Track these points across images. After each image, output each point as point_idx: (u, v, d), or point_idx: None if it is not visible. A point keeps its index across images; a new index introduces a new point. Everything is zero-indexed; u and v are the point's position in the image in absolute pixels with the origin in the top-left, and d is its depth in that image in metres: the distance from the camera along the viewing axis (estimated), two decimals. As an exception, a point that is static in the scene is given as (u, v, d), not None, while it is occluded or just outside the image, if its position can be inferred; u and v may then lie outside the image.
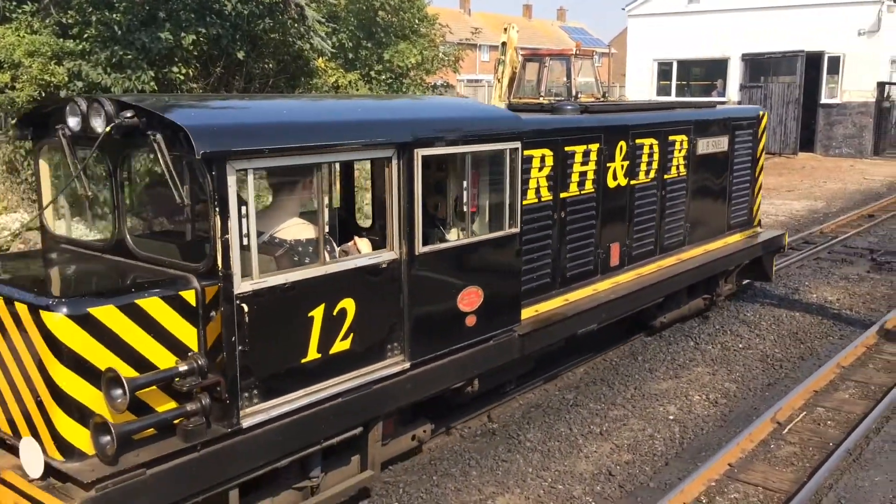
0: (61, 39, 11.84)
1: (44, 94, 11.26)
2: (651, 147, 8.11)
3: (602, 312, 7.32)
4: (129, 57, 11.67)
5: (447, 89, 23.57)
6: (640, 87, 33.22)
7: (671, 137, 8.40)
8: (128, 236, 4.94)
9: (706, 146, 9.02)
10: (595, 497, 5.85)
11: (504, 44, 26.54)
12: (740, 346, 8.96)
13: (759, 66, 30.54)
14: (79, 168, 4.85)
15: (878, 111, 30.04)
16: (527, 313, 6.53)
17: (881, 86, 29.91)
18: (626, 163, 7.76)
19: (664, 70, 33.17)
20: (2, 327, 4.24)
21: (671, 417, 7.16)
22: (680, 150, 8.57)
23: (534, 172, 6.64)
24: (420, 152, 5.26)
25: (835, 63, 29.79)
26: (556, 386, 7.77)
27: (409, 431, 5.89)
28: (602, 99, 25.40)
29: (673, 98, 30.57)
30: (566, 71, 26.52)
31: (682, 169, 8.65)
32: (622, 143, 7.68)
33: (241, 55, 12.49)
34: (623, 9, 33.88)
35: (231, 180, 4.25)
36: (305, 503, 5.10)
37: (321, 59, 15.04)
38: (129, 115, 4.49)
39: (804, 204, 18.87)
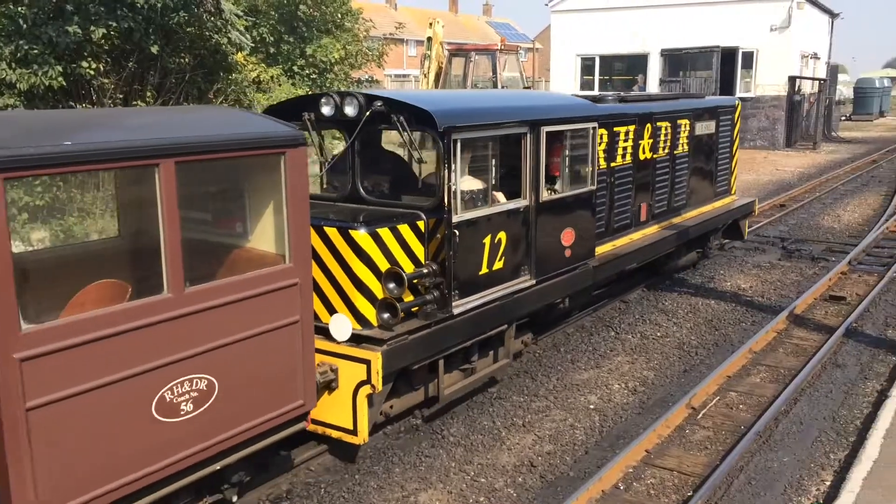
0: (-39, 33, 11.28)
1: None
2: (666, 129, 10.13)
3: (639, 255, 9.46)
4: (36, 52, 11.16)
5: (372, 84, 23.43)
6: (564, 81, 33.69)
7: (679, 122, 10.44)
8: (360, 188, 6.78)
9: (701, 129, 11.15)
10: (517, 488, 5.91)
11: (430, 39, 26.56)
12: (658, 334, 9.19)
13: (677, 61, 31.38)
14: (319, 142, 6.96)
15: (790, 104, 31.25)
16: None
17: (792, 80, 31.13)
18: (650, 141, 9.76)
19: (587, 65, 33.75)
20: (325, 242, 5.99)
21: (592, 407, 7.29)
22: (684, 132, 10.63)
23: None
24: (544, 129, 7.24)
25: (749, 58, 30.86)
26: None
27: (520, 338, 7.83)
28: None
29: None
30: (492, 66, 26.72)
31: (685, 147, 10.72)
32: (648, 125, 9.65)
33: (154, 49, 12.10)
34: (546, 4, 34.29)
35: (454, 146, 6.20)
36: (466, 381, 6.96)
37: (240, 53, 14.71)
38: (379, 103, 6.37)
39: (721, 195, 19.46)
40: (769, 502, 5.64)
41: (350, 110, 6.51)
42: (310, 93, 13.63)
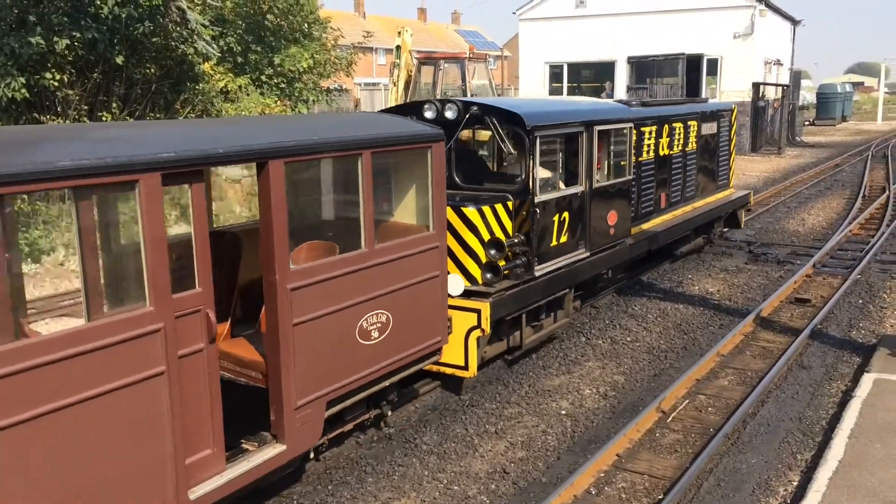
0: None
1: None
2: (679, 129, 11.64)
3: (662, 237, 10.92)
4: (-3, 63, 11.04)
5: (342, 93, 23.39)
6: (533, 88, 33.96)
7: (689, 123, 11.99)
8: (455, 177, 8.26)
9: (706, 130, 12.72)
10: (490, 495, 5.93)
11: (398, 47, 26.58)
12: (628, 339, 9.28)
13: (644, 69, 31.78)
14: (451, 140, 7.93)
15: (755, 110, 31.79)
16: None
17: (756, 86, 31.67)
18: (667, 139, 11.25)
19: (555, 72, 34.06)
20: (460, 217, 7.41)
21: (563, 412, 7.33)
22: (693, 133, 12.17)
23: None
24: (596, 128, 8.79)
25: (713, 65, 31.35)
26: (453, 387, 7.83)
27: (572, 303, 9.10)
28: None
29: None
30: (461, 74, 26.82)
31: (693, 145, 12.24)
32: (666, 126, 11.16)
33: (119, 60, 12.00)
34: (514, 13, 34.54)
35: (535, 141, 7.75)
36: (538, 334, 8.40)
37: (207, 63, 14.63)
38: (475, 108, 7.91)
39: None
40: (738, 503, 5.71)
41: (450, 114, 8.02)
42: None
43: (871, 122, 56.51)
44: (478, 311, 7.06)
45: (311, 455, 6.06)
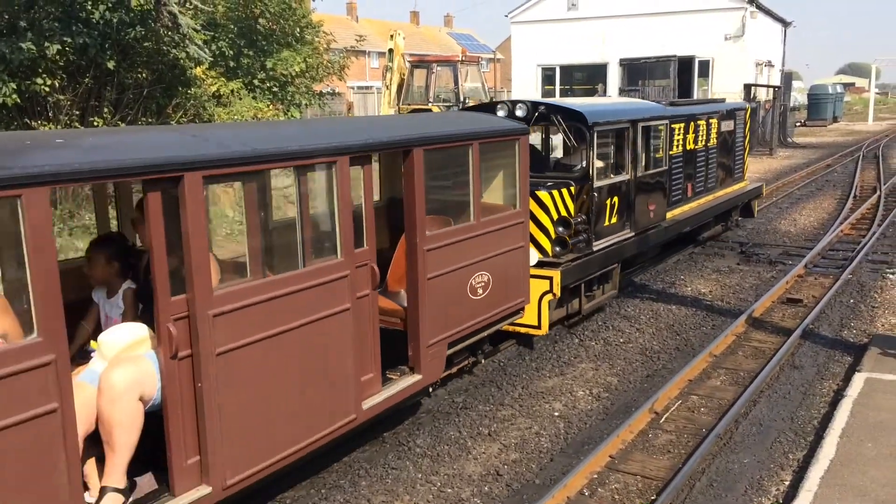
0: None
1: None
2: (703, 127, 12.78)
3: (690, 221, 12.32)
4: (-12, 68, 11.01)
5: (334, 97, 23.39)
6: (525, 91, 34.02)
7: (710, 121, 13.15)
8: None
9: (725, 127, 13.90)
10: (483, 498, 5.93)
11: (391, 51, 26.62)
12: (621, 340, 9.30)
13: (636, 71, 31.85)
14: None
15: (746, 111, 31.87)
16: None
17: (747, 87, 31.77)
18: (693, 135, 12.36)
19: (548, 75, 34.14)
20: (534, 199, 8.58)
21: (556, 414, 7.35)
22: (714, 130, 13.36)
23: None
24: (640, 124, 10.10)
25: (705, 66, 31.47)
26: (445, 390, 7.84)
27: (609, 281, 10.11)
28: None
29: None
30: (453, 77, 26.87)
31: (714, 141, 13.38)
32: (692, 123, 12.28)
33: (111, 65, 11.98)
34: (506, 15, 34.61)
35: (594, 135, 9.09)
36: (593, 301, 9.67)
37: (199, 67, 14.62)
38: (542, 108, 9.23)
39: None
40: (730, 503, 5.73)
41: (520, 112, 9.24)
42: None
43: (861, 123, 56.75)
44: (550, 278, 8.38)
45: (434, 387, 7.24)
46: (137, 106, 13.25)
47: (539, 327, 8.46)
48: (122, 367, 4.54)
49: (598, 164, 9.31)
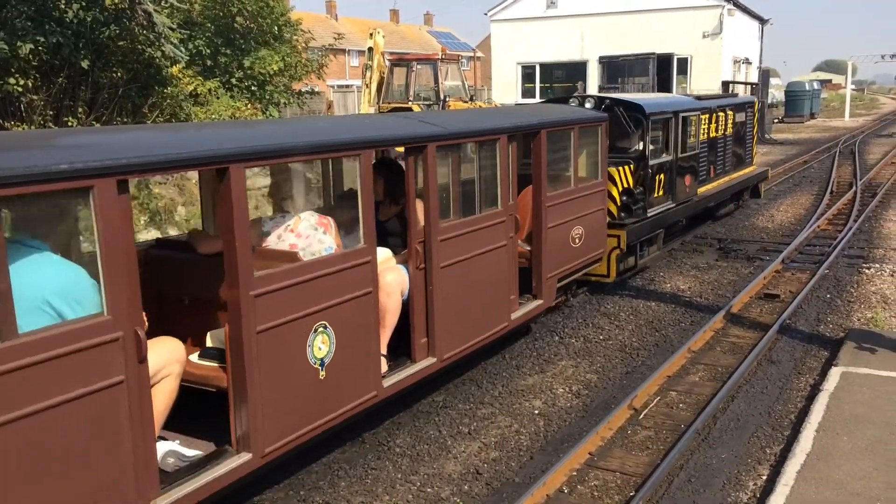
0: None
1: None
2: (721, 117, 14.66)
3: (714, 198, 14.55)
4: (-41, 68, 10.84)
5: (313, 96, 23.26)
6: (506, 89, 34.06)
7: (728, 112, 15.12)
8: None
9: (738, 118, 15.89)
10: (463, 497, 5.92)
11: (371, 49, 26.53)
12: (601, 337, 9.33)
13: (615, 69, 31.90)
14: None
15: (724, 108, 32.06)
16: None
17: (725, 84, 31.85)
18: (714, 125, 14.19)
19: (528, 73, 34.19)
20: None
21: (536, 412, 7.35)
22: (730, 120, 15.35)
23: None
24: (681, 115, 12.15)
25: (683, 64, 31.61)
26: (426, 389, 7.81)
27: (654, 244, 12.03)
28: (470, 102, 26.12)
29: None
30: (433, 75, 26.82)
31: (730, 129, 15.34)
32: (714, 114, 14.10)
33: (85, 64, 11.83)
34: (486, 13, 34.61)
35: (649, 123, 11.09)
36: (646, 258, 11.65)
37: (176, 66, 14.47)
38: (608, 101, 11.12)
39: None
40: (708, 499, 5.76)
41: (589, 105, 11.04)
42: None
43: (838, 119, 57.34)
44: (618, 236, 10.36)
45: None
46: (113, 105, 13.10)
47: (608, 276, 10.48)
48: (393, 273, 6.51)
49: (651, 146, 11.19)
